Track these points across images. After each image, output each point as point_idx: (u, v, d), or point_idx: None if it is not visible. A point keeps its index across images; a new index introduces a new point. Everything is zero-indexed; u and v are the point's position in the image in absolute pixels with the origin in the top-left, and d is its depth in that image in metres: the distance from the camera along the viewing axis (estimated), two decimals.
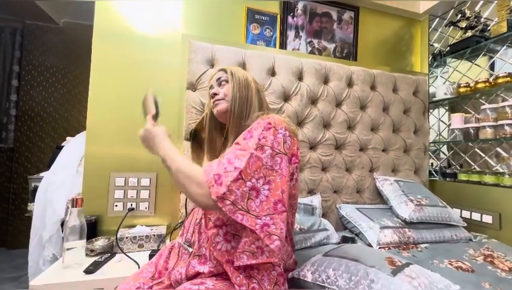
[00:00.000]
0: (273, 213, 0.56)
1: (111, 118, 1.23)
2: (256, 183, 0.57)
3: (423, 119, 1.63)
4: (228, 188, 0.55)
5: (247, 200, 0.56)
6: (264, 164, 0.58)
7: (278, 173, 0.59)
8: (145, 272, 0.72)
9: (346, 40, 1.63)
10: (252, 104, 0.75)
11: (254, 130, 0.63)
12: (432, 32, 1.75)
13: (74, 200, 0.95)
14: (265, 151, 0.59)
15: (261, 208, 0.56)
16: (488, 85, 1.39)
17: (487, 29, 1.46)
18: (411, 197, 1.28)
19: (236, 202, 0.55)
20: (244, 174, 0.56)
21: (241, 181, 0.56)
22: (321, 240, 1.10)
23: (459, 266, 0.92)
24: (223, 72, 0.79)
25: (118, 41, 1.25)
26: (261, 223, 0.55)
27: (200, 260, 0.64)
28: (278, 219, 0.56)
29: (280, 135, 0.63)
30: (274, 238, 0.54)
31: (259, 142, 0.60)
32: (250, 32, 1.45)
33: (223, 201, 0.54)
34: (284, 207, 0.57)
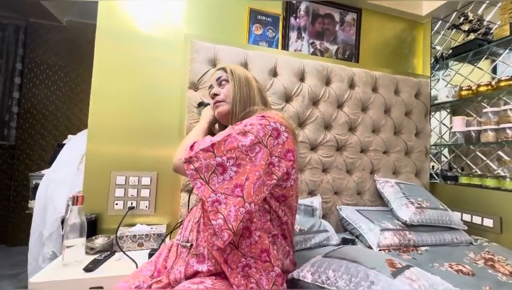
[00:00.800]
0: (229, 194, 0.56)
1: (113, 116, 1.23)
2: (225, 161, 0.58)
3: (424, 121, 1.63)
4: (196, 154, 0.58)
5: (211, 173, 0.57)
6: (239, 146, 0.59)
7: (252, 161, 0.59)
8: (144, 271, 0.71)
9: (349, 42, 1.63)
10: (256, 104, 0.74)
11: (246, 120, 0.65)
12: (434, 35, 1.75)
13: (75, 198, 0.95)
14: (247, 137, 0.60)
15: (221, 185, 0.57)
16: (490, 88, 1.39)
17: (490, 32, 1.45)
18: (412, 199, 1.27)
19: (199, 170, 0.57)
20: (216, 148, 0.59)
21: (210, 153, 0.58)
22: (321, 241, 1.10)
23: (460, 270, 0.92)
24: (222, 71, 0.78)
25: (121, 40, 1.26)
26: (214, 198, 0.56)
27: (198, 259, 0.64)
28: (231, 202, 0.55)
29: (269, 127, 0.62)
30: (219, 216, 0.55)
31: (244, 127, 0.62)
32: (253, 32, 1.46)
33: (188, 165, 0.58)
34: (242, 193, 0.56)
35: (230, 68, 0.77)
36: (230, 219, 0.54)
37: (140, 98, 1.27)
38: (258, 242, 0.63)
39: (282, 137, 0.63)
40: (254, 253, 0.62)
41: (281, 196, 0.68)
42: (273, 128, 0.62)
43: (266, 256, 0.63)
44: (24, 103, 2.46)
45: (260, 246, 0.63)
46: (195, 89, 1.23)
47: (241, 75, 0.76)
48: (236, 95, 0.73)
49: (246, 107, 0.73)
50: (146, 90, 1.28)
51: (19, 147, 2.44)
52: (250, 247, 0.62)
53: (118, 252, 1.05)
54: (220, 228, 0.54)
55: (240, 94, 0.73)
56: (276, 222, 0.68)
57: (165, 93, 1.30)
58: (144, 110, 1.27)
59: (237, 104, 0.72)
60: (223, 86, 0.76)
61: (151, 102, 1.28)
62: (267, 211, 0.67)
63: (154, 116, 1.28)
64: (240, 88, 0.74)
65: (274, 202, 0.67)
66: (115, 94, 1.24)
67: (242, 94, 0.73)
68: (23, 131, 2.45)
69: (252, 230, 0.62)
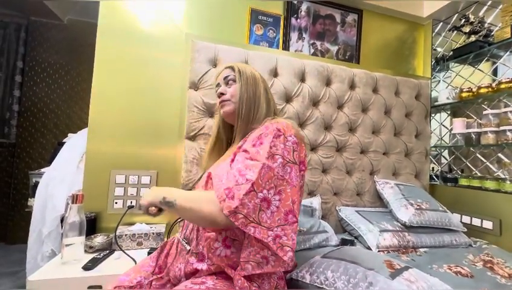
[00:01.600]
0: (284, 224, 0.55)
1: (113, 115, 1.23)
2: (267, 194, 0.56)
3: (425, 123, 1.63)
4: (241, 202, 0.53)
5: (258, 212, 0.54)
6: (275, 174, 0.57)
7: (288, 183, 0.58)
8: (146, 266, 0.72)
9: (349, 43, 1.63)
10: (260, 105, 0.74)
11: (264, 137, 0.62)
12: (435, 37, 1.75)
13: (75, 197, 0.95)
14: (277, 161, 0.58)
15: (273, 219, 0.55)
16: (491, 90, 1.39)
17: (491, 34, 1.45)
18: (411, 201, 1.27)
19: (248, 215, 0.53)
20: (256, 186, 0.55)
21: (253, 193, 0.54)
22: (320, 242, 1.10)
23: (458, 271, 0.92)
24: (230, 70, 0.77)
25: (121, 39, 1.26)
26: (273, 234, 0.54)
27: (198, 257, 0.64)
28: (290, 230, 0.55)
29: (289, 143, 0.62)
30: (287, 249, 0.54)
31: (270, 150, 0.59)
32: (254, 32, 1.46)
33: (235, 215, 0.53)
34: (295, 218, 0.57)
35: (239, 68, 0.76)
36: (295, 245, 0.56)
37: (140, 97, 1.27)
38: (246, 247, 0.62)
39: (297, 151, 0.63)
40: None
41: None
42: (292, 142, 0.62)
43: None
44: (25, 101, 2.46)
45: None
46: (196, 89, 1.23)
47: (249, 76, 0.75)
48: (243, 95, 0.72)
49: (251, 107, 0.73)
50: (146, 90, 1.28)
51: (19, 145, 2.44)
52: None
53: (117, 250, 1.05)
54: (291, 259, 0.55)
55: (246, 94, 0.73)
56: None
57: (166, 92, 1.30)
58: (144, 110, 1.27)
59: (243, 104, 0.72)
60: (230, 85, 0.76)
61: (152, 101, 1.28)
62: None
63: (155, 115, 1.28)
64: (246, 89, 0.73)
65: None
66: (115, 93, 1.24)
67: (248, 94, 0.73)
68: (23, 129, 2.45)
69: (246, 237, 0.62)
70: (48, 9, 2.34)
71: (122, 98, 1.25)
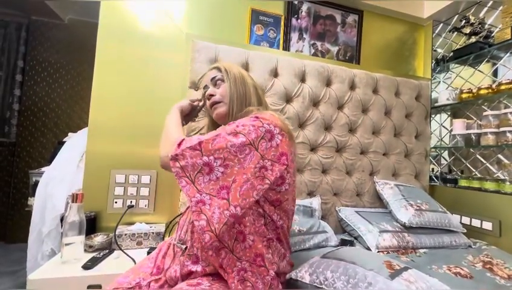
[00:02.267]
0: (214, 195, 0.55)
1: (113, 115, 1.23)
2: (213, 161, 0.56)
3: (425, 124, 1.63)
4: (182, 152, 0.57)
5: (197, 172, 0.56)
6: (228, 146, 0.56)
7: (240, 163, 0.56)
8: (144, 267, 0.72)
9: (350, 43, 1.63)
10: (252, 103, 0.73)
11: (239, 120, 0.63)
12: (435, 38, 1.75)
13: (74, 196, 0.95)
14: (237, 138, 0.57)
15: (206, 185, 0.55)
16: (491, 91, 1.39)
17: (491, 35, 1.45)
18: (411, 201, 1.27)
19: (185, 168, 0.56)
20: (203, 147, 0.57)
21: (197, 152, 0.56)
22: (320, 242, 1.10)
23: (458, 272, 0.92)
24: (216, 70, 0.76)
25: (122, 39, 1.26)
26: (199, 198, 0.54)
27: (192, 259, 0.64)
28: (216, 203, 0.54)
29: (263, 129, 0.59)
30: (202, 217, 0.53)
31: (236, 128, 0.59)
32: (254, 33, 1.46)
33: (174, 162, 0.57)
34: (227, 195, 0.55)
35: (225, 67, 0.75)
36: (214, 221, 0.53)
37: (141, 97, 1.27)
38: (252, 246, 0.62)
39: (275, 140, 0.60)
40: (249, 257, 0.62)
41: (275, 200, 0.66)
42: (266, 130, 0.59)
43: (261, 260, 0.62)
44: (25, 101, 2.47)
45: (254, 251, 0.62)
46: (196, 89, 1.23)
47: (236, 74, 0.74)
48: (233, 94, 0.71)
49: (242, 106, 0.71)
50: (147, 89, 1.28)
51: (20, 145, 2.45)
52: (245, 251, 0.61)
53: (116, 250, 1.05)
54: (202, 229, 0.53)
55: (236, 93, 0.71)
56: (271, 226, 0.67)
57: (166, 92, 1.30)
58: (144, 109, 1.27)
59: (234, 103, 0.71)
60: (219, 85, 0.74)
61: (152, 101, 1.28)
62: (262, 215, 0.65)
63: (155, 115, 1.28)
64: (236, 87, 0.72)
65: (268, 206, 0.66)
66: (115, 93, 1.24)
67: (239, 93, 0.71)
68: (23, 128, 2.46)
69: (246, 234, 0.61)
70: (49, 8, 2.34)
71: (122, 98, 1.25)
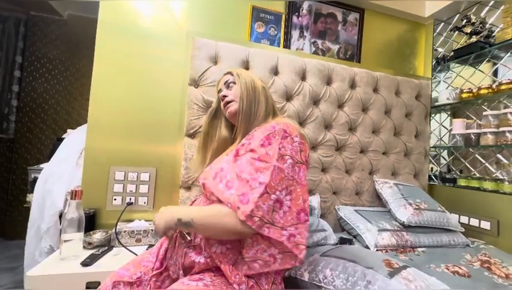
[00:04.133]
0: (297, 223, 0.57)
1: (113, 111, 1.23)
2: (279, 195, 0.58)
3: (425, 123, 1.63)
4: (255, 205, 0.55)
5: (272, 212, 0.56)
6: (285, 175, 0.59)
7: (298, 183, 0.60)
8: (146, 261, 0.72)
9: (350, 42, 1.62)
10: (260, 103, 0.78)
11: (272, 138, 0.63)
12: (436, 37, 1.75)
13: (73, 193, 0.94)
14: (286, 161, 0.60)
15: (285, 219, 0.57)
16: (491, 91, 1.39)
17: (492, 35, 1.45)
18: (410, 200, 1.28)
19: (263, 217, 0.55)
20: (269, 188, 0.56)
21: (266, 195, 0.56)
22: (319, 240, 1.10)
23: (456, 271, 0.92)
24: (229, 74, 0.83)
25: (122, 35, 1.25)
26: (287, 234, 0.56)
27: (195, 250, 0.65)
28: (302, 229, 0.57)
29: (296, 144, 0.64)
30: (301, 248, 0.56)
31: (279, 151, 0.61)
32: (255, 30, 1.45)
33: (252, 219, 0.54)
34: (307, 216, 0.59)
35: (236, 71, 0.82)
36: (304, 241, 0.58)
37: (140, 94, 1.27)
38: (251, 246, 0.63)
39: (304, 150, 0.66)
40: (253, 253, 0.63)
41: None
42: (298, 143, 0.64)
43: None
44: (23, 97, 2.45)
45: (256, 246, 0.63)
46: (196, 86, 1.23)
47: (247, 77, 0.80)
48: (243, 93, 0.77)
49: (251, 103, 0.76)
50: (146, 86, 1.28)
51: (18, 141, 2.43)
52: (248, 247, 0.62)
53: (115, 247, 1.05)
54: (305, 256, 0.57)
55: (246, 92, 0.77)
56: None
57: (166, 89, 1.29)
58: (144, 106, 1.27)
59: (244, 101, 0.76)
60: (231, 87, 0.81)
61: (152, 98, 1.28)
62: None
63: (155, 112, 1.28)
64: (246, 87, 0.77)
65: None
66: (115, 90, 1.23)
67: (248, 92, 0.77)
68: (22, 124, 2.44)
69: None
70: (48, 4, 2.33)
71: (121, 94, 1.24)
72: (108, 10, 1.24)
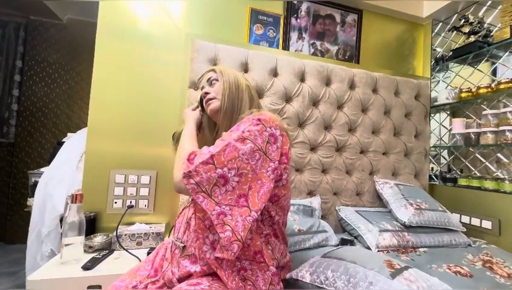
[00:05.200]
0: (233, 205, 0.56)
1: (113, 115, 1.23)
2: (227, 172, 0.57)
3: (424, 123, 1.63)
4: (195, 168, 0.57)
5: (212, 185, 0.56)
6: (239, 155, 0.58)
7: (253, 170, 0.58)
8: (142, 270, 0.71)
9: (349, 43, 1.63)
10: (243, 101, 0.76)
11: (242, 124, 0.63)
12: (434, 37, 1.75)
13: (74, 196, 0.95)
14: (246, 144, 0.59)
15: (224, 197, 0.56)
16: (490, 91, 1.39)
17: (490, 34, 1.45)
18: (411, 201, 1.27)
19: (200, 184, 0.56)
20: (216, 160, 0.57)
21: (211, 166, 0.57)
22: (320, 241, 1.10)
23: (458, 271, 0.92)
24: (212, 72, 0.81)
25: (121, 38, 1.25)
26: (219, 210, 0.55)
27: (190, 259, 0.64)
28: (237, 212, 0.56)
29: (266, 133, 0.62)
30: (226, 228, 0.54)
31: (242, 134, 0.60)
32: (254, 32, 1.46)
33: (188, 179, 0.56)
34: (246, 203, 0.57)
35: (220, 69, 0.80)
36: (239, 230, 0.54)
37: (140, 96, 1.27)
38: (250, 245, 0.63)
39: (278, 142, 0.63)
40: (248, 255, 0.63)
41: (273, 196, 0.67)
42: (269, 134, 0.62)
43: (260, 257, 0.63)
44: (24, 101, 2.45)
45: (253, 248, 0.63)
46: (196, 88, 1.23)
47: (230, 74, 0.78)
48: (226, 91, 0.75)
49: (234, 101, 0.75)
50: (146, 89, 1.28)
51: (18, 145, 2.43)
52: (244, 250, 0.62)
53: (116, 250, 1.05)
54: (228, 240, 0.54)
55: (228, 90, 0.75)
56: (267, 221, 0.68)
57: (165, 92, 1.30)
58: (144, 109, 1.27)
59: (226, 98, 0.74)
60: (213, 85, 0.79)
61: (152, 101, 1.28)
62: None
63: (154, 115, 1.28)
64: (229, 85, 0.76)
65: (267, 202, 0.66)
66: (115, 93, 1.24)
67: (231, 90, 0.75)
68: (22, 129, 2.44)
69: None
70: (47, 8, 2.33)
71: (121, 97, 1.25)
72: (107, 13, 1.25)
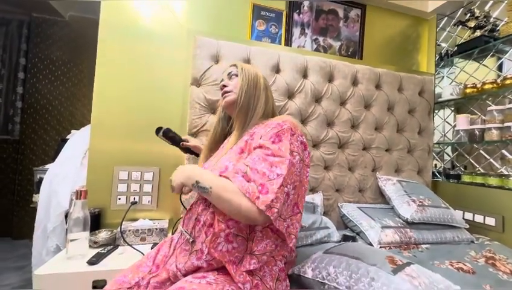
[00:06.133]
0: (291, 215, 0.63)
1: (116, 112, 1.24)
2: (289, 188, 0.60)
3: (428, 119, 1.62)
4: (276, 195, 0.56)
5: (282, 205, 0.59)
6: (295, 170, 0.62)
7: (300, 179, 0.64)
8: (143, 266, 0.72)
9: (352, 38, 1.61)
10: (259, 99, 0.78)
11: (282, 135, 0.65)
12: (439, 32, 1.73)
13: (78, 192, 0.96)
14: (295, 157, 0.63)
15: (286, 210, 0.62)
16: (496, 86, 1.37)
17: (496, 29, 1.43)
18: (413, 197, 1.27)
19: (280, 209, 0.57)
20: (285, 181, 0.59)
21: (282, 188, 0.58)
22: (322, 238, 1.10)
23: (460, 267, 0.92)
24: (233, 67, 0.83)
25: (124, 35, 1.26)
26: (286, 225, 0.61)
27: (197, 255, 0.65)
28: (295, 220, 0.63)
29: (298, 143, 0.67)
30: (292, 237, 0.62)
31: (290, 147, 0.63)
32: (256, 28, 1.45)
33: (271, 209, 0.55)
34: (298, 209, 0.64)
35: (241, 65, 0.82)
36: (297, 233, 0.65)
37: (143, 93, 1.27)
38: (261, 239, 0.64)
39: (308, 148, 0.70)
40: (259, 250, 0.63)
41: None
42: (300, 141, 0.67)
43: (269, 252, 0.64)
44: (28, 98, 2.47)
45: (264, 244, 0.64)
46: (198, 85, 1.23)
47: (251, 72, 0.80)
48: (244, 86, 0.77)
49: (250, 98, 0.77)
50: (149, 86, 1.28)
51: (23, 142, 2.46)
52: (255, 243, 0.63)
53: (121, 246, 1.07)
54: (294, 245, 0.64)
55: (246, 86, 0.77)
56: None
57: (168, 89, 1.30)
58: (146, 106, 1.27)
59: (243, 93, 0.76)
60: (233, 79, 0.81)
61: (154, 98, 1.28)
62: None
63: (157, 112, 1.28)
64: (247, 81, 0.78)
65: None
66: (117, 90, 1.24)
67: (249, 86, 0.77)
68: (27, 126, 2.47)
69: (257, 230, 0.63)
70: (50, 5, 2.34)
71: (124, 95, 1.25)
72: (109, 10, 1.25)
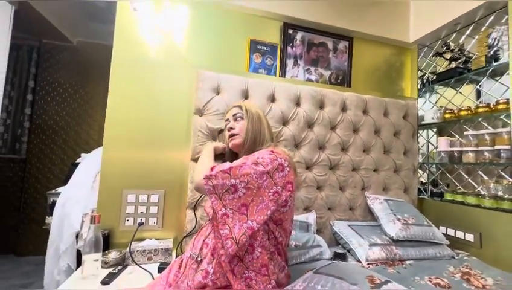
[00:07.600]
0: (236, 211, 0.70)
1: (125, 139, 1.34)
2: (238, 183, 0.71)
3: (412, 141, 1.75)
4: (216, 173, 0.71)
5: (224, 191, 0.71)
6: (251, 173, 0.72)
7: (258, 188, 0.72)
8: (158, 285, 0.82)
9: (341, 68, 1.76)
10: (262, 134, 0.90)
11: (257, 153, 0.78)
12: (421, 60, 1.89)
13: (93, 217, 1.05)
14: (258, 166, 0.73)
15: (230, 202, 0.70)
16: (470, 113, 1.51)
17: (470, 60, 1.58)
18: (399, 216, 1.38)
19: (216, 187, 0.70)
20: (232, 172, 0.71)
21: (227, 175, 0.71)
22: (315, 255, 1.20)
23: (438, 283, 1.02)
24: (238, 108, 0.94)
25: (133, 70, 1.38)
26: (224, 211, 0.70)
27: (203, 274, 0.75)
28: (237, 217, 0.70)
29: (276, 162, 0.76)
30: (226, 227, 0.69)
31: (256, 159, 0.75)
32: (253, 61, 1.59)
33: (207, 181, 0.71)
34: (246, 212, 0.70)
35: (246, 107, 0.93)
36: (235, 231, 0.69)
37: (150, 122, 1.39)
38: (259, 257, 0.74)
39: (285, 171, 0.77)
40: (255, 267, 0.74)
41: (278, 219, 0.80)
42: (279, 163, 0.76)
43: (265, 270, 0.74)
44: (35, 119, 2.59)
45: (261, 261, 0.74)
46: (201, 115, 1.35)
47: (254, 114, 0.92)
48: (249, 130, 0.89)
49: (256, 140, 0.89)
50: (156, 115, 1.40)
51: (30, 161, 2.56)
52: (252, 261, 0.73)
53: (129, 265, 1.15)
54: (225, 237, 0.68)
55: (252, 130, 0.89)
56: (272, 241, 0.80)
57: (173, 118, 1.41)
58: (153, 133, 1.39)
59: (249, 137, 0.88)
60: (238, 121, 0.92)
61: (160, 126, 1.40)
62: (267, 231, 0.78)
63: (164, 139, 1.39)
64: (252, 125, 0.89)
65: (272, 224, 0.79)
66: (127, 118, 1.35)
67: (254, 129, 0.89)
68: (34, 145, 2.57)
69: (255, 247, 0.74)
70: (59, 32, 2.49)
71: (134, 122, 1.36)
72: (121, 47, 1.37)
